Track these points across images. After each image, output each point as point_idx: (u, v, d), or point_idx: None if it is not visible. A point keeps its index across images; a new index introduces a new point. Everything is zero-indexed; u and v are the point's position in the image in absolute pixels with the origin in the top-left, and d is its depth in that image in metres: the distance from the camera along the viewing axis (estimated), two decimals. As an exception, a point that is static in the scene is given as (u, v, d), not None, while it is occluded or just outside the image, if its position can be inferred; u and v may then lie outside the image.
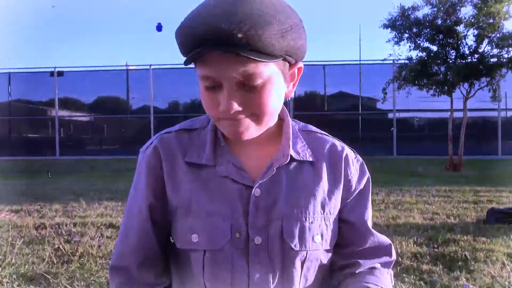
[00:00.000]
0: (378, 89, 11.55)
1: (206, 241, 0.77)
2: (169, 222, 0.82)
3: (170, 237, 0.83)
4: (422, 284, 2.77)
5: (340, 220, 0.85)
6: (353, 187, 0.86)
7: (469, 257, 3.22)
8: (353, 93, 17.76)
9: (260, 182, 0.79)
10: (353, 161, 0.87)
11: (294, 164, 0.82)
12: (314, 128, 0.89)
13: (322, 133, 0.89)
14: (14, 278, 2.85)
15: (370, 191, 0.89)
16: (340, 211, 0.85)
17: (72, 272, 2.98)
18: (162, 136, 0.85)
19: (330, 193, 0.83)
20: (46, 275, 2.89)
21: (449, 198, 5.93)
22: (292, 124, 0.86)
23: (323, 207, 0.82)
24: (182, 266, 0.81)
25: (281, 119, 0.85)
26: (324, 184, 0.83)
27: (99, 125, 19.68)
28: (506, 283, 2.73)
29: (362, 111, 17.48)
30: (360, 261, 0.85)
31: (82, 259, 3.25)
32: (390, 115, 16.61)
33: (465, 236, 3.79)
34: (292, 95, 0.81)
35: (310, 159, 0.83)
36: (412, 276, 2.88)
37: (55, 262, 3.19)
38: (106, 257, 3.30)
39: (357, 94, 17.53)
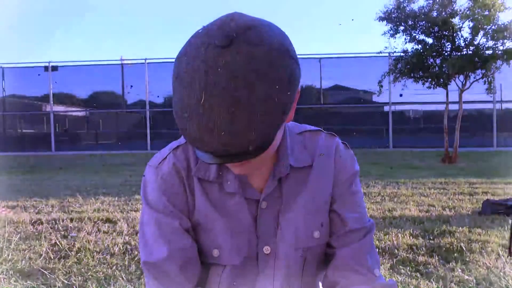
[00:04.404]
0: (373, 82, 11.54)
1: (227, 256, 0.80)
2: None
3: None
4: (418, 275, 2.78)
5: (330, 212, 0.86)
6: (343, 179, 0.87)
7: (464, 249, 3.24)
8: (349, 86, 17.77)
9: (266, 194, 0.81)
10: (343, 153, 0.88)
11: (294, 171, 0.83)
12: (307, 127, 0.90)
13: (315, 130, 0.90)
14: (11, 274, 2.84)
15: (359, 183, 0.90)
16: (331, 203, 0.86)
17: (69, 267, 2.97)
18: (175, 151, 0.83)
19: (326, 188, 0.85)
20: (43, 271, 2.88)
21: (445, 190, 5.96)
22: (289, 130, 0.86)
23: (320, 203, 0.84)
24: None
25: None
26: (321, 182, 0.85)
27: (94, 120, 19.61)
28: (501, 273, 2.76)
29: (358, 104, 17.50)
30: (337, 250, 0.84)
31: (79, 254, 3.24)
32: (386, 108, 16.64)
33: (460, 228, 3.82)
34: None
35: (308, 164, 0.84)
36: (408, 268, 2.90)
37: (52, 257, 3.18)
38: (103, 252, 3.30)
39: (353, 87, 17.54)
